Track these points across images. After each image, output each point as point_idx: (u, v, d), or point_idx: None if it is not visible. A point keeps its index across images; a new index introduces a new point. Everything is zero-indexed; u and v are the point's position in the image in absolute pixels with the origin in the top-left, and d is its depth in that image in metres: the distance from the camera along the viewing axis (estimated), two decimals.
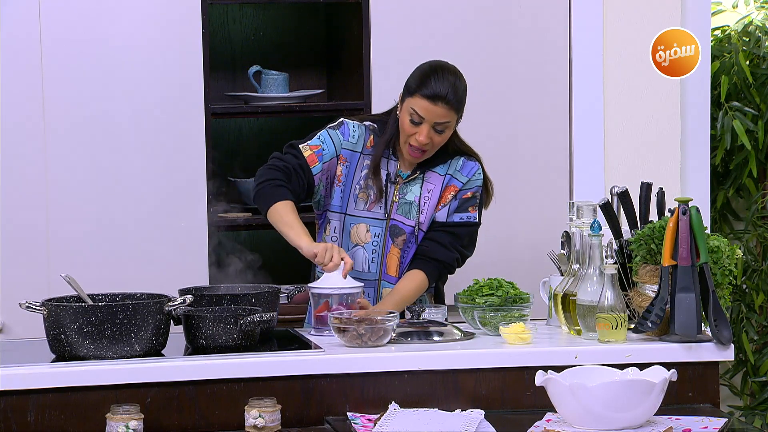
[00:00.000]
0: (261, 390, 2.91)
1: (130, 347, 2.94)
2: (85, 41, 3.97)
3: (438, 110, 3.33)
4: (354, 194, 3.45)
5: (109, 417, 2.79)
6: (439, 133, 3.36)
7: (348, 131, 3.45)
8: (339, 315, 3.12)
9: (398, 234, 3.45)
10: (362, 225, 3.45)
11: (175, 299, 3.04)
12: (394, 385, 2.99)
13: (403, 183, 3.45)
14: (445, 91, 3.33)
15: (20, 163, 3.94)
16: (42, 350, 3.02)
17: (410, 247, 3.46)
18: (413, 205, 3.45)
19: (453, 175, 3.47)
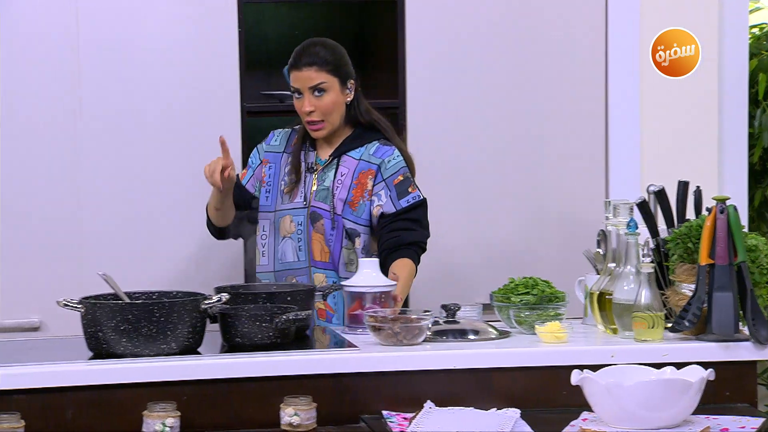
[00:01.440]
0: (296, 388, 2.91)
1: (167, 345, 2.95)
2: (122, 40, 3.99)
3: (305, 74, 3.50)
4: (281, 191, 3.58)
5: (145, 414, 2.80)
6: (319, 96, 3.50)
7: (271, 137, 3.70)
8: (374, 314, 3.12)
9: (317, 219, 3.53)
10: (287, 216, 3.56)
11: (211, 297, 3.05)
12: (430, 383, 2.99)
13: (320, 170, 3.56)
14: (307, 55, 3.52)
15: (54, 162, 3.96)
16: (79, 348, 3.04)
17: (333, 233, 3.51)
18: (328, 190, 3.54)
19: (368, 160, 3.55)
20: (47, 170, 3.96)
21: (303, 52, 3.53)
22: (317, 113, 3.50)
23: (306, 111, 3.51)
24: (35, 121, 3.95)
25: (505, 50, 4.25)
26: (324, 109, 3.50)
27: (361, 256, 3.51)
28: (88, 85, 3.97)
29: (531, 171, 4.30)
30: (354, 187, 3.54)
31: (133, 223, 4.03)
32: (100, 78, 3.98)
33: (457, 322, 3.24)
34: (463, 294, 3.89)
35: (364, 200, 3.54)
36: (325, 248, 3.53)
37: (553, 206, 4.29)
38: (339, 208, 3.52)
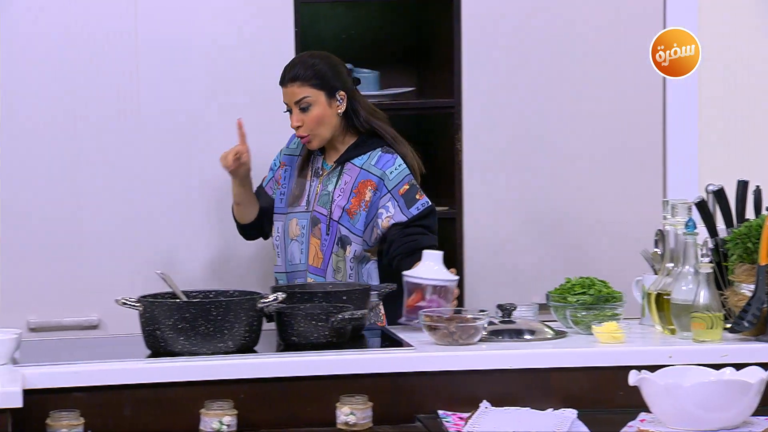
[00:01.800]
0: (352, 387, 2.92)
1: (224, 344, 2.96)
2: (179, 40, 4.01)
3: (290, 90, 3.54)
4: (294, 194, 3.61)
5: (203, 413, 2.81)
6: (305, 111, 3.52)
7: (291, 140, 3.71)
8: (430, 313, 3.12)
9: (315, 224, 3.55)
10: (294, 219, 3.59)
11: (268, 296, 3.06)
12: (486, 383, 2.98)
13: (325, 175, 3.58)
14: (291, 72, 3.55)
15: (119, 160, 3.99)
16: (138, 346, 3.06)
17: (327, 239, 3.53)
18: (330, 196, 3.56)
19: (368, 169, 3.55)
20: (111, 169, 3.98)
21: (288, 68, 3.57)
22: (304, 128, 3.53)
23: (293, 126, 3.56)
24: (96, 121, 3.98)
25: (561, 49, 4.23)
26: (309, 124, 3.53)
27: (350, 265, 3.51)
28: (146, 85, 4.00)
29: (588, 171, 4.27)
30: (353, 196, 3.54)
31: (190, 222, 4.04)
32: (158, 78, 4.00)
33: (513, 322, 3.23)
34: (519, 294, 3.87)
35: (361, 210, 3.53)
36: (319, 253, 3.55)
37: (610, 206, 4.26)
38: (336, 214, 3.53)
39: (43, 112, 3.95)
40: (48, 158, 3.96)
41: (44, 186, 3.95)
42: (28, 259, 3.94)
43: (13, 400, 2.66)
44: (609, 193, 4.27)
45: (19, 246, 3.94)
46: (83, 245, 3.97)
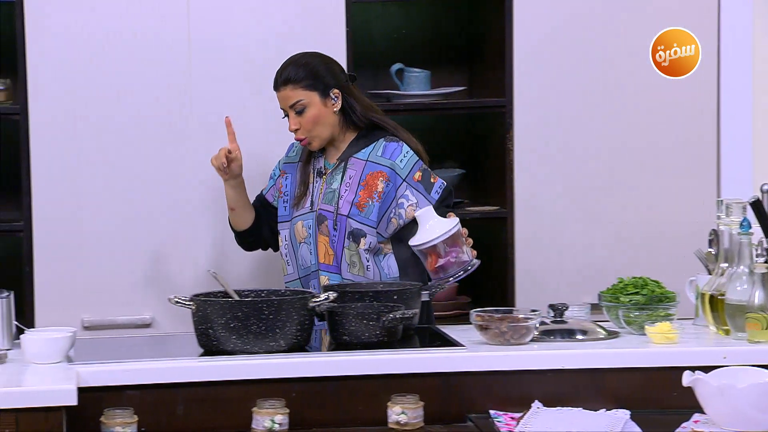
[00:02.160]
0: (403, 386, 2.92)
1: (275, 342, 2.97)
2: (231, 40, 4.03)
3: (283, 93, 3.50)
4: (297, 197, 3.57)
5: (255, 411, 2.83)
6: (300, 113, 3.49)
7: (290, 149, 3.66)
8: (481, 313, 3.11)
9: (322, 221, 3.51)
10: (299, 222, 3.55)
11: (319, 295, 3.07)
12: (537, 383, 2.97)
13: (328, 173, 3.54)
14: (282, 75, 3.51)
15: (165, 161, 4.01)
16: (191, 345, 3.08)
17: (336, 234, 3.49)
18: (335, 192, 3.52)
19: (375, 161, 3.52)
20: (165, 169, 4.01)
21: (279, 73, 3.53)
22: (302, 130, 3.50)
23: (291, 130, 3.52)
24: (147, 121, 4.01)
25: (615, 47, 4.20)
26: (307, 125, 3.49)
27: (365, 257, 3.50)
28: (198, 87, 4.01)
29: (641, 170, 4.24)
30: (362, 188, 3.50)
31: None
32: (210, 79, 4.02)
33: (565, 322, 3.22)
34: (570, 294, 3.85)
35: (374, 202, 3.49)
36: (329, 250, 3.51)
37: (663, 205, 4.23)
38: (345, 209, 3.49)
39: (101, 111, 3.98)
40: (102, 157, 3.99)
41: (99, 185, 3.99)
42: (83, 257, 3.98)
43: (68, 398, 2.69)
44: (662, 193, 4.24)
45: (74, 245, 3.97)
46: (138, 244, 4.00)
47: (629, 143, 4.25)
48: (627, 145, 4.25)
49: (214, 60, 4.03)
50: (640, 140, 4.24)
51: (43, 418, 2.66)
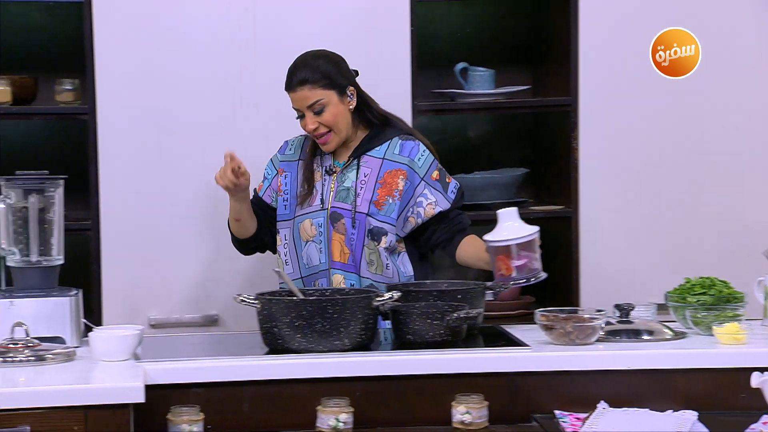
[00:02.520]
0: (467, 386, 2.91)
1: (340, 341, 2.98)
2: (296, 39, 4.04)
3: (300, 94, 3.44)
4: (302, 195, 3.52)
5: (319, 410, 2.84)
6: (319, 113, 3.44)
7: (285, 146, 3.61)
8: (546, 312, 3.10)
9: (337, 220, 3.47)
10: (307, 220, 3.50)
11: (383, 295, 3.07)
12: (603, 383, 2.95)
13: (340, 172, 3.50)
14: (298, 75, 3.45)
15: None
16: (256, 343, 3.10)
17: (354, 233, 3.46)
18: (350, 191, 3.48)
19: (392, 159, 3.49)
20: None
21: (293, 73, 3.46)
22: (322, 127, 3.45)
23: (310, 129, 3.45)
24: (212, 121, 4.04)
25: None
26: (327, 123, 3.44)
27: (385, 255, 3.48)
28: (263, 87, 4.04)
29: (708, 169, 4.21)
30: (380, 186, 3.48)
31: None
32: (274, 79, 4.03)
33: (631, 322, 3.20)
34: (636, 294, 3.82)
35: (394, 200, 3.47)
36: (345, 249, 3.48)
37: (731, 204, 4.19)
38: (364, 207, 3.46)
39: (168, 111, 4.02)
40: (169, 157, 4.02)
41: (165, 184, 4.02)
42: (150, 256, 4.02)
43: (135, 395, 2.71)
44: (730, 192, 4.19)
45: (141, 243, 4.01)
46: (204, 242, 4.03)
47: (696, 142, 4.21)
48: (694, 143, 4.21)
49: (278, 60, 4.02)
50: (706, 139, 4.20)
51: (111, 415, 2.69)
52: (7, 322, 3.01)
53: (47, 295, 3.12)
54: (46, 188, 3.19)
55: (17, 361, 2.89)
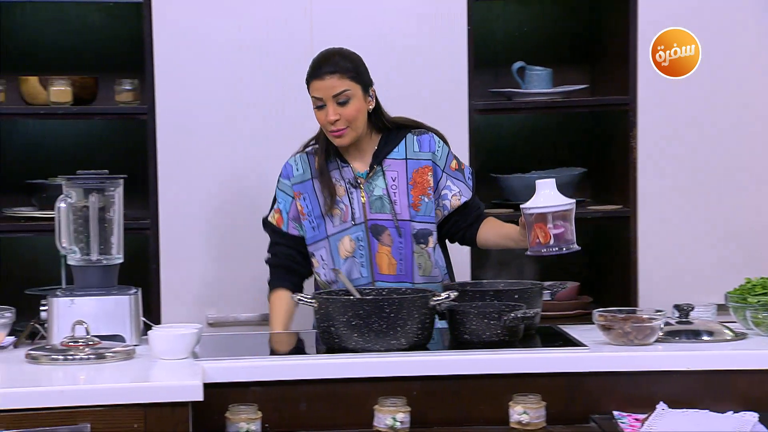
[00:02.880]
0: (525, 386, 2.90)
1: (397, 341, 2.98)
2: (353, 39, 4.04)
3: (327, 82, 3.36)
4: (324, 214, 3.44)
5: (377, 409, 2.84)
6: (343, 104, 3.37)
7: (290, 169, 3.50)
8: (604, 313, 3.08)
9: (380, 232, 3.43)
10: (345, 237, 3.44)
11: (440, 294, 3.07)
12: (662, 384, 2.93)
13: (365, 182, 3.44)
14: (329, 64, 3.38)
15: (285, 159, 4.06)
16: (313, 342, 3.10)
17: (402, 243, 3.42)
18: (384, 199, 3.43)
19: (415, 157, 3.47)
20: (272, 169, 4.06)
21: (324, 61, 3.39)
22: (342, 121, 3.38)
23: (331, 120, 3.37)
24: (270, 121, 4.06)
25: (740, 45, 4.12)
26: (348, 117, 3.38)
27: (432, 255, 3.46)
28: None
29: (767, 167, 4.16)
30: (412, 188, 3.46)
31: None
32: None
33: (691, 323, 3.17)
34: (696, 294, 3.79)
35: (429, 198, 3.46)
36: (392, 260, 3.44)
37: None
38: (405, 213, 3.43)
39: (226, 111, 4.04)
40: (227, 157, 4.05)
41: (223, 184, 4.05)
42: (208, 255, 4.04)
43: (194, 394, 2.73)
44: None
45: (199, 242, 4.04)
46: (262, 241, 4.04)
47: (755, 141, 4.17)
48: (752, 142, 4.17)
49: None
50: (765, 138, 4.15)
51: (170, 413, 2.71)
52: (68, 320, 3.04)
53: (107, 294, 3.15)
54: (106, 188, 3.22)
55: (78, 359, 2.92)
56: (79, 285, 3.18)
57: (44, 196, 4.03)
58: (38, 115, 4.08)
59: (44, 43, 4.29)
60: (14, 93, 4.13)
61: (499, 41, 4.48)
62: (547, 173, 4.29)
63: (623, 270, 4.20)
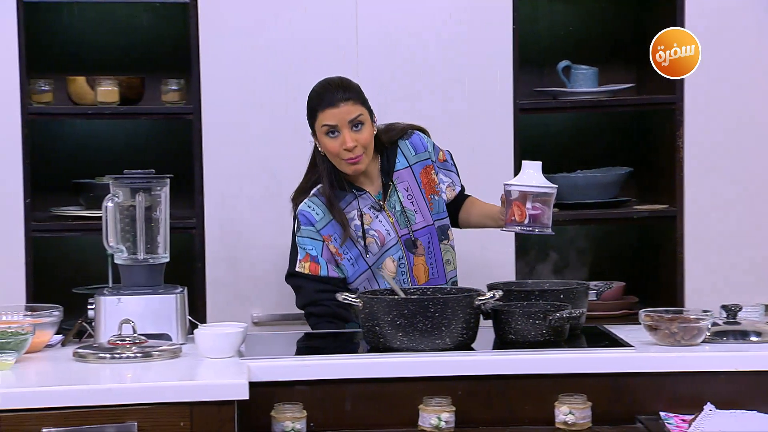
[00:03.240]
0: (570, 386, 2.89)
1: (441, 340, 2.98)
2: (398, 38, 4.06)
3: (344, 109, 3.36)
4: (363, 248, 3.42)
5: (422, 408, 2.84)
6: (358, 130, 3.36)
7: (309, 216, 3.43)
8: (651, 313, 3.06)
9: (414, 245, 3.45)
10: (388, 259, 3.44)
11: (485, 294, 3.06)
12: (710, 385, 2.91)
13: (386, 201, 3.45)
14: (339, 91, 3.38)
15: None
16: (358, 341, 3.10)
17: (431, 245, 3.45)
18: (404, 212, 3.46)
19: (416, 160, 3.51)
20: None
21: (335, 88, 3.38)
22: (359, 147, 3.37)
23: (349, 147, 3.35)
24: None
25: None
26: (364, 142, 3.38)
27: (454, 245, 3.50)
28: (366, 83, 4.03)
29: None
30: (425, 192, 3.50)
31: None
32: (378, 75, 4.05)
33: (738, 323, 3.15)
34: (744, 294, 3.77)
35: (439, 195, 3.52)
36: (426, 267, 3.47)
37: None
38: (429, 218, 3.48)
39: (272, 112, 4.06)
40: (272, 157, 4.06)
41: (268, 184, 4.06)
42: (253, 254, 4.06)
43: (239, 392, 2.74)
44: None
45: (244, 241, 4.05)
46: None
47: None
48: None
49: (381, 61, 4.06)
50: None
51: (216, 412, 2.72)
52: (115, 318, 3.06)
53: (153, 293, 3.17)
54: (152, 187, 3.24)
55: (125, 357, 2.94)
56: (126, 284, 3.20)
57: (91, 195, 4.06)
58: (85, 115, 4.12)
59: (91, 43, 4.32)
60: (62, 93, 4.16)
61: (545, 40, 4.46)
62: (593, 173, 4.28)
63: (669, 270, 4.18)
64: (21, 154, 3.96)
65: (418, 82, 4.07)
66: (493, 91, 4.07)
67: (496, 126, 4.09)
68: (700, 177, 4.13)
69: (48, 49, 4.27)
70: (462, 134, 4.08)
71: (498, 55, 4.06)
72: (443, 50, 4.07)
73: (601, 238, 4.54)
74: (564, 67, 4.28)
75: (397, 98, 4.04)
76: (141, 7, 4.31)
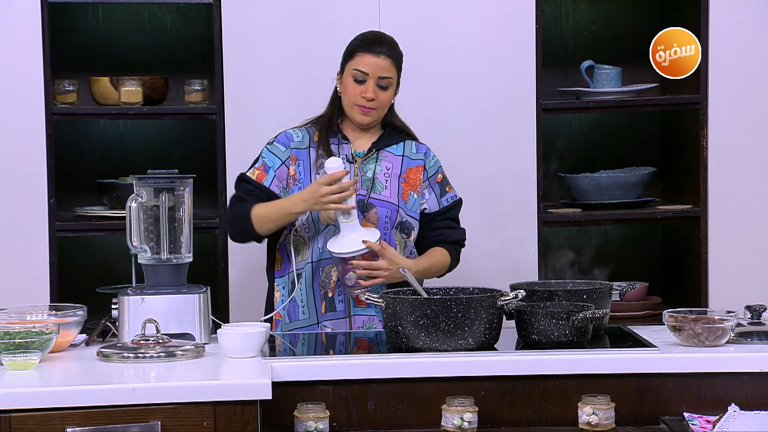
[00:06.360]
0: (593, 387, 2.89)
1: (464, 341, 2.97)
2: (422, 38, 4.05)
3: (381, 62, 3.41)
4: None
5: (444, 409, 2.84)
6: (384, 89, 3.42)
7: (289, 135, 3.50)
8: (674, 313, 3.05)
9: (369, 208, 3.44)
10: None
11: (508, 294, 3.06)
12: (734, 386, 2.90)
13: (361, 161, 3.45)
14: (385, 45, 3.43)
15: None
16: (380, 341, 3.10)
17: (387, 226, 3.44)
18: (376, 180, 3.44)
19: (410, 156, 3.50)
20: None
21: (382, 40, 3.44)
22: (377, 103, 3.42)
23: (369, 97, 3.41)
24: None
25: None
26: (383, 102, 3.44)
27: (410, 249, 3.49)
28: None
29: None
30: (404, 181, 3.48)
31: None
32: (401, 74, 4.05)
33: (763, 324, 3.14)
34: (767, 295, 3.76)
35: (417, 195, 3.48)
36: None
37: None
38: (394, 199, 3.46)
39: (294, 112, 4.05)
40: None
41: None
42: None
43: (262, 392, 2.75)
44: None
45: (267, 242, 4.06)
46: None
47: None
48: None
49: (404, 58, 4.03)
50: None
51: (239, 411, 2.73)
52: (139, 318, 3.07)
53: (177, 292, 3.18)
54: (176, 187, 3.25)
55: (148, 357, 2.95)
56: (150, 283, 3.21)
57: (115, 195, 4.08)
58: (109, 115, 4.13)
59: (115, 43, 4.34)
60: (86, 93, 4.18)
61: (568, 40, 4.45)
62: (617, 173, 4.26)
63: (693, 270, 4.16)
64: (45, 154, 3.98)
65: (442, 82, 4.07)
66: (517, 91, 4.07)
67: (520, 126, 4.08)
68: (725, 177, 4.11)
69: (72, 50, 4.29)
70: (485, 134, 4.07)
71: (521, 55, 4.05)
72: (467, 50, 4.07)
73: (625, 239, 4.52)
74: (587, 66, 4.27)
75: (420, 97, 4.04)
76: (165, 8, 4.32)
